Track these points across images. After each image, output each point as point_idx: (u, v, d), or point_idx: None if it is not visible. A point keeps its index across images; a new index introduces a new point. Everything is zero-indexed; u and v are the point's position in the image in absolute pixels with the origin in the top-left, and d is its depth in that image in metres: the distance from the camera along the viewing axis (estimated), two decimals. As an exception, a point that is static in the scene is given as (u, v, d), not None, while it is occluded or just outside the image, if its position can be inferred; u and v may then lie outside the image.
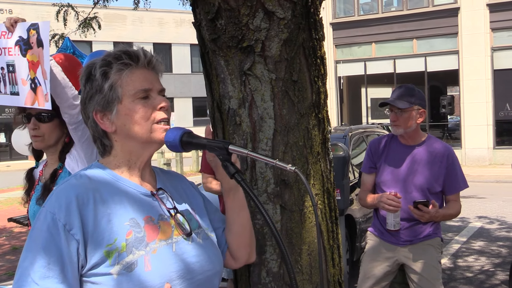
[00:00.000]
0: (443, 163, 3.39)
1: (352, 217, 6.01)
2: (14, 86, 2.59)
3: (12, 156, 29.94)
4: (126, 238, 1.42)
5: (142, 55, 1.53)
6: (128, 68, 1.50)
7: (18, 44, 2.55)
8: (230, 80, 2.04)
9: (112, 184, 1.50)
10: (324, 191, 2.15)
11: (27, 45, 2.52)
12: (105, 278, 1.38)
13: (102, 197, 1.46)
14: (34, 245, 1.39)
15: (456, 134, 21.13)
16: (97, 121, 1.51)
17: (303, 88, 2.06)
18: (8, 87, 2.62)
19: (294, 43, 2.02)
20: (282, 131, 2.03)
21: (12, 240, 9.12)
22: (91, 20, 9.22)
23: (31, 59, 2.51)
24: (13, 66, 2.58)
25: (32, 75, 2.52)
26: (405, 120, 3.34)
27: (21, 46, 2.54)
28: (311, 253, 2.08)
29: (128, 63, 1.51)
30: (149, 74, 1.54)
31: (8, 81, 2.61)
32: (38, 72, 2.48)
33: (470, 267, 6.66)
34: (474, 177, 14.62)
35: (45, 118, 2.56)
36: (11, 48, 2.57)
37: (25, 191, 2.71)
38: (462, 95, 19.08)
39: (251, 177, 2.04)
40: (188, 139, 1.53)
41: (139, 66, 1.52)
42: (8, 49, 2.58)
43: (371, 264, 3.48)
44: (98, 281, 1.38)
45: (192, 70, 36.26)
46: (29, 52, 2.52)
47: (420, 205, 3.19)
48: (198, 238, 1.57)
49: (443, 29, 19.20)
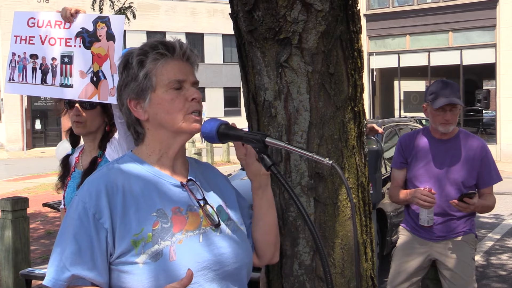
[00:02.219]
0: (477, 157, 3.33)
1: (383, 211, 5.97)
2: (67, 78, 2.56)
3: (47, 142, 30.57)
4: (153, 229, 1.44)
5: (178, 46, 1.55)
6: (164, 58, 1.53)
7: (80, 35, 2.52)
8: (266, 72, 2.04)
9: (142, 175, 1.53)
10: (359, 185, 2.14)
11: (93, 37, 2.50)
12: (132, 267, 1.41)
13: (131, 188, 1.48)
14: (67, 232, 1.44)
15: (491, 129, 20.71)
16: (130, 108, 1.54)
17: (339, 81, 2.05)
18: (59, 78, 2.57)
19: (331, 36, 2.00)
20: (317, 124, 2.01)
21: (47, 225, 9.34)
22: (126, 9, 9.31)
23: (97, 52, 2.50)
24: (70, 57, 2.55)
25: (96, 68, 2.51)
26: (456, 117, 3.30)
27: (84, 38, 2.52)
28: (344, 247, 2.07)
29: (164, 53, 1.53)
30: (183, 66, 1.55)
31: (60, 72, 2.57)
32: (106, 66, 2.47)
33: (504, 265, 6.55)
34: (509, 173, 14.31)
35: (88, 105, 2.59)
36: (70, 39, 2.54)
37: (60, 177, 2.76)
38: (498, 89, 18.67)
39: (285, 169, 2.04)
40: (225, 131, 1.53)
41: (174, 57, 1.54)
42: (66, 39, 2.54)
43: (403, 259, 3.45)
44: (125, 269, 1.42)
45: (224, 60, 36.35)
46: (95, 44, 2.50)
47: (466, 198, 3.14)
48: (228, 230, 1.58)
49: (481, 21, 18.79)
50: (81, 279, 1.41)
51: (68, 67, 2.55)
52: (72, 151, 2.82)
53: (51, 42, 2.57)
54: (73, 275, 1.39)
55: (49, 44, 2.57)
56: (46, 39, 2.57)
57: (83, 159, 2.68)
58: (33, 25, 2.59)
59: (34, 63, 2.60)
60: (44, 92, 2.63)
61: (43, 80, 2.59)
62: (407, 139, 3.52)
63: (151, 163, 1.56)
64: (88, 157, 2.65)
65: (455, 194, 3.26)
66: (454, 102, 3.22)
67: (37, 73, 2.61)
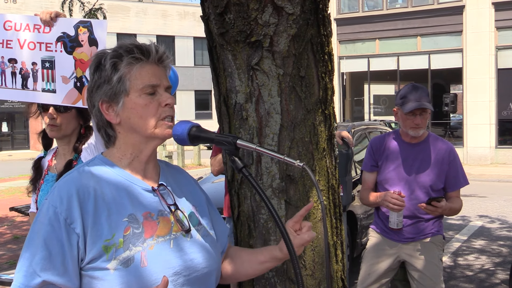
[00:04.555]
0: (446, 160, 3.39)
1: (353, 213, 6.02)
2: (49, 83, 2.51)
3: (14, 145, 29.99)
4: (124, 234, 1.43)
5: (154, 51, 1.53)
6: (139, 63, 1.51)
7: (61, 40, 2.47)
8: (237, 74, 2.04)
9: (113, 179, 1.51)
10: (329, 187, 2.16)
11: (74, 42, 2.46)
12: (102, 273, 1.39)
13: (103, 192, 1.46)
14: (36, 237, 1.40)
15: (458, 133, 21.10)
16: (102, 111, 1.52)
17: (310, 84, 2.06)
18: (40, 83, 2.52)
19: (302, 39, 2.02)
20: (288, 126, 2.03)
21: (14, 229, 9.15)
22: (96, 11, 9.20)
23: (79, 57, 2.45)
24: (51, 62, 2.50)
25: (79, 73, 2.47)
26: (425, 121, 3.34)
27: (65, 42, 2.47)
28: (315, 249, 2.08)
29: (139, 58, 1.51)
30: (157, 70, 1.54)
31: (41, 77, 2.52)
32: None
33: (470, 266, 6.67)
34: (475, 176, 14.61)
35: (63, 108, 2.55)
36: (51, 43, 2.49)
37: (31, 180, 2.71)
38: (465, 94, 19.05)
39: (256, 172, 2.05)
40: (196, 133, 1.53)
41: (149, 61, 1.53)
42: (47, 44, 2.49)
43: (373, 261, 3.49)
44: (96, 275, 1.40)
45: (195, 63, 36.24)
46: (77, 49, 2.46)
47: (434, 201, 3.19)
48: (198, 235, 1.57)
49: (448, 27, 19.16)
50: (52, 285, 1.38)
51: (49, 72, 2.51)
52: (44, 154, 2.77)
53: (30, 46, 2.51)
54: (43, 281, 1.36)
55: (29, 49, 2.51)
56: (25, 43, 2.51)
57: (57, 162, 2.64)
58: (10, 28, 2.53)
59: (14, 67, 2.54)
60: (25, 97, 2.57)
61: (24, 84, 2.54)
62: (378, 142, 3.56)
63: (122, 166, 1.54)
64: (62, 160, 2.60)
65: (423, 197, 3.31)
66: (424, 107, 3.27)
67: (17, 77, 2.54)
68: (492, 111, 18.57)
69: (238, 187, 2.11)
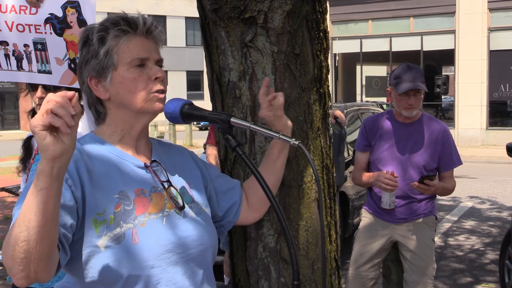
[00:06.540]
0: (439, 140, 3.38)
1: (346, 194, 6.03)
2: (44, 64, 2.47)
3: (4, 126, 29.78)
4: (115, 211, 1.40)
5: (142, 22, 1.49)
6: (126, 35, 1.47)
7: (50, 22, 2.41)
8: (230, 52, 2.00)
9: (104, 155, 1.48)
10: (323, 167, 2.13)
11: (63, 23, 2.40)
12: (93, 249, 1.36)
13: (94, 169, 1.43)
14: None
15: (449, 114, 21.17)
16: (91, 87, 1.48)
17: (305, 62, 2.03)
18: (35, 65, 2.48)
19: (297, 16, 1.97)
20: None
21: (5, 210, 9.10)
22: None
23: (70, 39, 2.39)
24: (42, 44, 2.44)
25: (71, 55, 2.41)
26: (419, 102, 3.31)
27: (54, 24, 2.40)
28: (309, 229, 2.07)
29: (126, 30, 1.47)
30: (147, 43, 1.50)
31: (36, 58, 2.47)
32: None
33: (461, 246, 6.72)
34: (466, 157, 14.63)
35: (52, 87, 2.52)
36: (39, 25, 2.42)
37: (21, 159, 2.67)
38: (457, 75, 19.06)
39: (249, 151, 2.02)
40: (188, 111, 1.50)
41: (137, 33, 1.48)
42: (36, 26, 2.42)
43: (365, 241, 3.49)
44: (86, 251, 1.36)
45: (187, 43, 35.98)
46: (67, 31, 2.40)
47: (426, 180, 3.17)
48: (191, 212, 1.55)
49: (441, 8, 19.08)
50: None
51: (43, 54, 2.46)
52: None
53: (19, 28, 2.45)
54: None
55: (18, 31, 2.45)
56: (14, 25, 2.45)
57: None
58: None
59: (6, 49, 2.49)
60: (23, 78, 2.54)
61: (19, 66, 2.50)
62: (371, 122, 3.53)
63: (113, 143, 1.51)
64: None
65: (417, 177, 3.30)
66: (418, 88, 3.24)
67: (11, 59, 2.51)
68: (483, 93, 18.60)
69: (231, 166, 2.08)
